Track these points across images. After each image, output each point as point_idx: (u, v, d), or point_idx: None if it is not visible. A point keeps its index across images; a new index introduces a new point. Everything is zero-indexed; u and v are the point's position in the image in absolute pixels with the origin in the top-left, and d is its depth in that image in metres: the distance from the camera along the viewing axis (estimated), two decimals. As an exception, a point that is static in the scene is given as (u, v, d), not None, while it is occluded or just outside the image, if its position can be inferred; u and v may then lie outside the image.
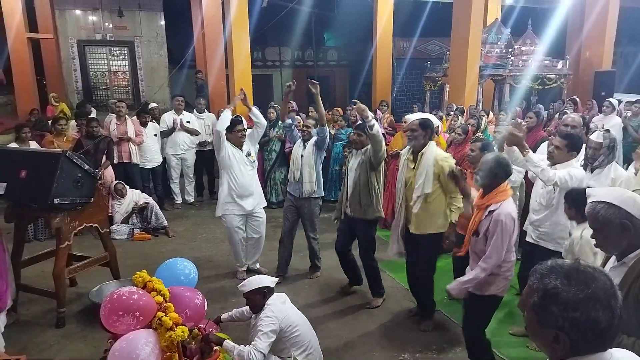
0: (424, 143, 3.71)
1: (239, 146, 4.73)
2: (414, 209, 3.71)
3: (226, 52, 9.44)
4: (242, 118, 5.08)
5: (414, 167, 3.75)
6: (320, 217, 6.98)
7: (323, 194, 5.00)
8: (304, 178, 4.74)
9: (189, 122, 7.48)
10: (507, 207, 2.93)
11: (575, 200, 3.00)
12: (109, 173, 6.48)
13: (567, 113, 6.83)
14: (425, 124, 3.72)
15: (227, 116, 4.69)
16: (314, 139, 4.81)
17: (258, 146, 5.12)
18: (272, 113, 7.41)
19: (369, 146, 4.19)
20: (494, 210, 2.92)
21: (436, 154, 3.69)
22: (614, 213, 1.84)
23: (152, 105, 8.07)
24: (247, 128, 4.96)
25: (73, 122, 7.68)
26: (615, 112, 7.37)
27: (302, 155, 4.78)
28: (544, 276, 1.12)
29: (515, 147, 3.42)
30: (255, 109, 4.88)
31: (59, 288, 3.97)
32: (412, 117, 3.97)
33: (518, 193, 4.67)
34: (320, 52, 18.84)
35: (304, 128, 4.89)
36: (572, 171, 3.39)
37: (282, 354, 3.04)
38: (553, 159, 3.55)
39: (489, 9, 11.27)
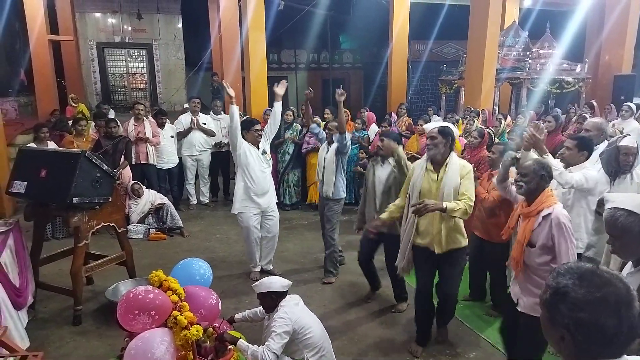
0: (444, 153, 3.44)
1: (256, 145, 4.80)
2: (441, 224, 3.44)
3: (242, 54, 9.51)
4: (258, 120, 5.15)
5: (436, 179, 3.46)
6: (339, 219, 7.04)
7: (343, 196, 4.98)
8: (325, 180, 4.90)
9: (204, 123, 7.55)
10: (562, 210, 2.79)
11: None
12: (127, 173, 6.56)
13: (586, 117, 6.75)
14: (445, 132, 3.45)
15: (234, 110, 4.70)
16: (336, 145, 4.86)
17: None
18: (290, 116, 7.48)
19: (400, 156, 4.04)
20: (549, 215, 2.75)
21: (461, 165, 3.46)
22: (634, 221, 1.81)
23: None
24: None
25: (92, 123, 7.81)
26: (633, 116, 7.25)
27: (324, 159, 4.93)
28: (559, 275, 1.13)
29: (531, 151, 3.38)
30: (277, 105, 4.94)
31: (76, 286, 4.03)
32: (431, 126, 3.70)
33: None
34: (336, 54, 18.88)
35: (327, 130, 5.10)
36: (587, 173, 3.44)
37: (295, 356, 3.05)
38: (566, 161, 3.59)
39: (506, 11, 11.19)
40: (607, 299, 1.05)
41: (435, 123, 4.29)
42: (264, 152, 4.86)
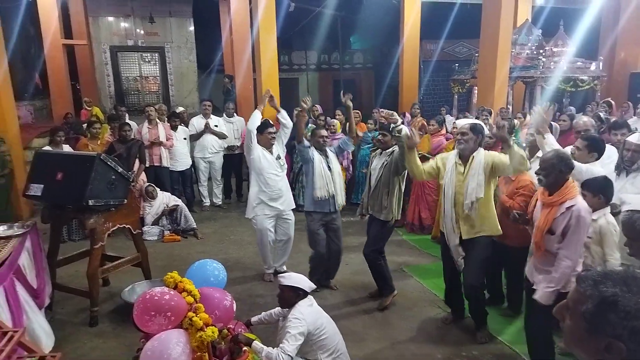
0: (473, 148, 3.64)
1: (269, 149, 4.77)
2: (471, 214, 3.58)
3: (253, 56, 9.54)
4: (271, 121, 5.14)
5: (463, 172, 3.64)
6: (345, 222, 7.02)
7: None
8: (339, 191, 4.59)
9: (216, 125, 7.59)
10: (584, 203, 2.90)
11: (591, 187, 3.07)
12: (141, 176, 6.62)
13: (600, 116, 6.65)
14: (476, 128, 3.66)
15: (257, 116, 4.74)
16: (333, 146, 4.82)
17: (286, 150, 5.15)
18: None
19: (395, 148, 4.17)
20: (572, 206, 2.86)
21: (486, 154, 3.63)
22: None
23: (180, 109, 8.23)
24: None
25: (108, 126, 7.91)
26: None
27: (330, 168, 4.55)
28: (598, 283, 1.07)
29: (545, 138, 3.61)
30: (283, 112, 4.92)
31: (92, 287, 4.08)
32: (462, 122, 3.95)
33: None
34: (346, 55, 18.86)
35: (323, 139, 4.64)
36: (589, 166, 3.51)
37: (309, 356, 3.04)
38: (574, 159, 3.55)
39: (519, 9, 11.06)
40: None
41: (466, 120, 4.41)
42: (278, 157, 4.83)
